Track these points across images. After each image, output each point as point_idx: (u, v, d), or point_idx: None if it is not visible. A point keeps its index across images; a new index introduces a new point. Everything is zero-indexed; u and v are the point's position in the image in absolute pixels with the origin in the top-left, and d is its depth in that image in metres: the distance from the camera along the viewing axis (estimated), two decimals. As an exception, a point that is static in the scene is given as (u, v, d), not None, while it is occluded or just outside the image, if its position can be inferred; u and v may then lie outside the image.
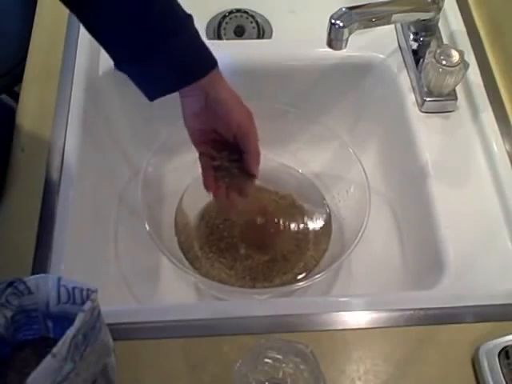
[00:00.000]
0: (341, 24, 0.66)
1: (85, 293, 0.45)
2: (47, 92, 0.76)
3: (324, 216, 0.81)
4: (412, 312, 0.61)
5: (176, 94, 0.63)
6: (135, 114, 0.85)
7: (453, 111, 0.76)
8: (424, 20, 0.76)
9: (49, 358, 0.41)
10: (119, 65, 0.60)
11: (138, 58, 0.58)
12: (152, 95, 0.61)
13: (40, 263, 0.63)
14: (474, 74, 0.77)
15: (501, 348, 0.56)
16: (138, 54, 0.58)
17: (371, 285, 0.77)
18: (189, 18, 0.59)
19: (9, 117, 0.75)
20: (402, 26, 0.81)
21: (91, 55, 0.79)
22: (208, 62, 0.61)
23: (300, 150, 0.85)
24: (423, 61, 0.75)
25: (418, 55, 0.78)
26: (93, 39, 0.79)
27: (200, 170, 0.69)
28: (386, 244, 0.80)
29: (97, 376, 0.49)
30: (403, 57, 0.81)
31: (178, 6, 0.59)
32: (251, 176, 0.66)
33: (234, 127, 0.63)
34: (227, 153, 0.67)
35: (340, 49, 0.69)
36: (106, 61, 0.80)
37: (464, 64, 0.72)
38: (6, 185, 0.69)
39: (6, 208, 0.67)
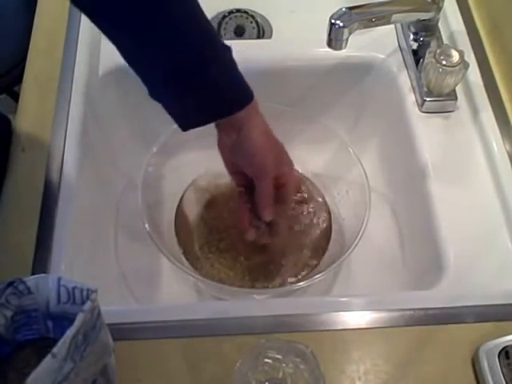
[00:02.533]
0: (341, 24, 0.66)
1: (85, 293, 0.45)
2: (47, 92, 0.76)
3: (324, 216, 0.81)
4: (412, 312, 0.61)
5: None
6: (135, 114, 0.85)
7: (453, 111, 0.76)
8: (424, 20, 0.76)
9: (49, 357, 0.41)
10: (153, 93, 0.58)
11: (173, 88, 0.57)
12: (185, 126, 0.60)
13: (40, 263, 0.63)
14: (474, 73, 0.77)
15: (501, 348, 0.56)
16: (172, 83, 0.57)
17: (371, 285, 0.77)
18: (227, 49, 0.58)
19: (6, 125, 0.75)
20: (402, 26, 0.81)
21: (91, 55, 0.79)
22: (245, 96, 0.60)
23: (300, 150, 0.85)
24: (423, 61, 0.75)
25: (418, 55, 0.78)
26: (93, 39, 0.80)
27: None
28: (386, 244, 0.80)
29: (97, 376, 0.49)
30: (403, 57, 0.81)
31: (216, 36, 0.58)
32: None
33: (252, 170, 0.63)
34: None
35: (340, 49, 0.69)
36: (106, 61, 0.80)
37: (464, 64, 0.72)
38: (6, 185, 0.69)
39: (5, 208, 0.67)
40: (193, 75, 0.56)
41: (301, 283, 0.69)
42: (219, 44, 0.58)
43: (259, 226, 0.70)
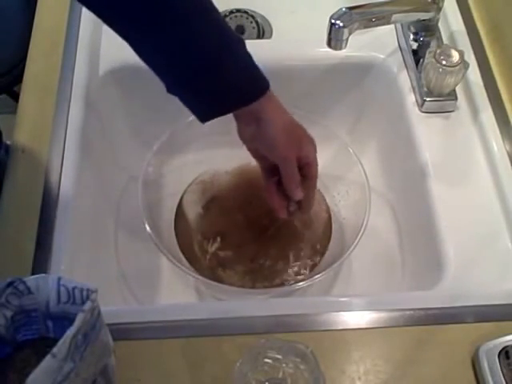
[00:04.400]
0: (341, 24, 0.66)
1: (85, 293, 0.46)
2: (47, 92, 0.76)
3: (324, 216, 0.81)
4: (412, 312, 0.61)
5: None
6: (135, 114, 0.85)
7: (453, 111, 0.76)
8: (424, 20, 0.76)
9: (49, 357, 0.41)
10: (170, 89, 0.59)
11: (189, 82, 0.58)
12: (204, 118, 0.61)
13: (40, 263, 0.63)
14: (474, 73, 0.77)
15: (501, 348, 0.56)
16: (188, 77, 0.58)
17: (371, 285, 0.77)
18: (240, 41, 0.59)
19: None
20: (402, 26, 0.81)
21: (91, 55, 0.79)
22: (261, 85, 0.60)
23: (300, 150, 0.85)
24: (423, 61, 0.75)
25: (418, 55, 0.78)
26: (93, 39, 0.80)
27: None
28: (386, 244, 0.80)
29: (97, 376, 0.49)
30: (403, 57, 0.81)
31: (228, 29, 0.58)
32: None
33: (276, 159, 0.64)
34: None
35: (340, 49, 0.69)
36: (106, 61, 0.80)
37: (464, 64, 0.72)
38: (6, 185, 0.69)
39: (5, 208, 0.67)
40: (207, 69, 0.57)
41: (301, 283, 0.69)
42: (232, 37, 0.58)
43: (290, 205, 0.70)
